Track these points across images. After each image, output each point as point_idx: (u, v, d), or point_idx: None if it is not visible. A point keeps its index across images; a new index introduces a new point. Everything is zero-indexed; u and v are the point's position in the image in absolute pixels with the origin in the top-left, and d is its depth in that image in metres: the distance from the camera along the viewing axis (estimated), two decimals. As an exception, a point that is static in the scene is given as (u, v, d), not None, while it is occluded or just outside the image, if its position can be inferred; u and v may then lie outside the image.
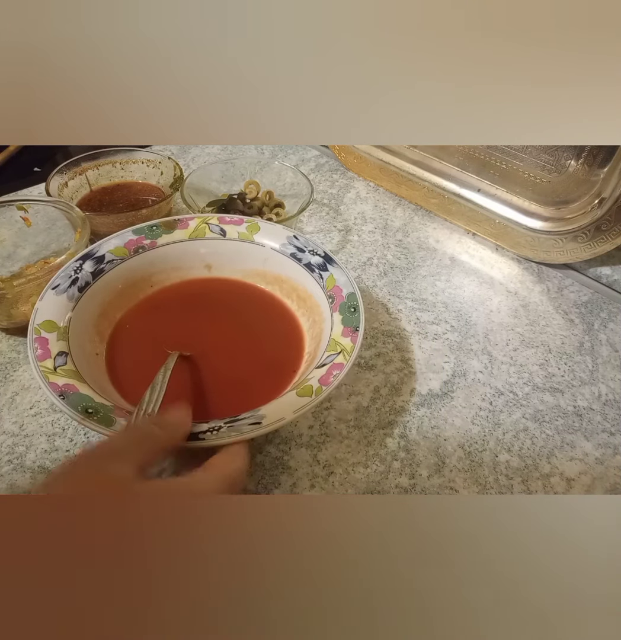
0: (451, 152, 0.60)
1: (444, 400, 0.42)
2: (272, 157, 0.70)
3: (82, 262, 0.40)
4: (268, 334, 0.43)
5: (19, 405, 0.39)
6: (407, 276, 0.54)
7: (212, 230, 0.45)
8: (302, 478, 0.36)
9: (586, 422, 0.42)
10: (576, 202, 0.52)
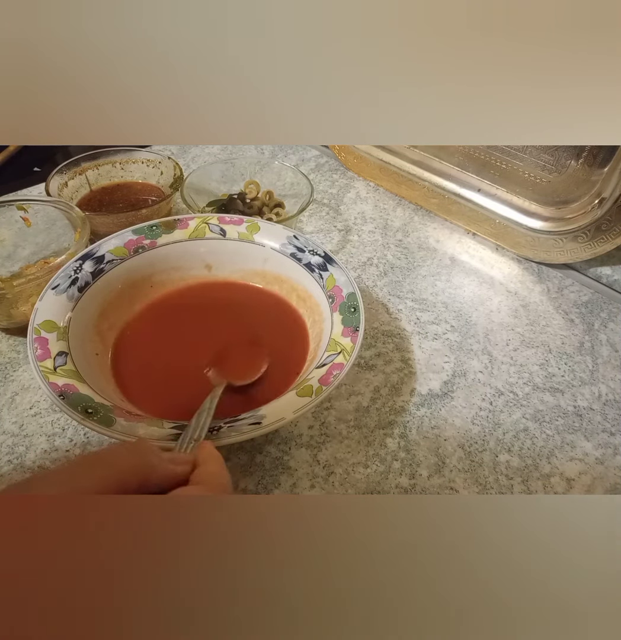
0: (451, 152, 0.60)
1: (444, 400, 0.42)
2: (272, 157, 0.70)
3: (82, 262, 0.40)
4: (270, 333, 0.43)
5: (19, 405, 0.39)
6: (407, 276, 0.54)
7: (212, 230, 0.45)
8: (302, 478, 0.36)
9: (586, 422, 0.42)
10: (576, 202, 0.52)
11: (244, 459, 0.37)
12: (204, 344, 0.41)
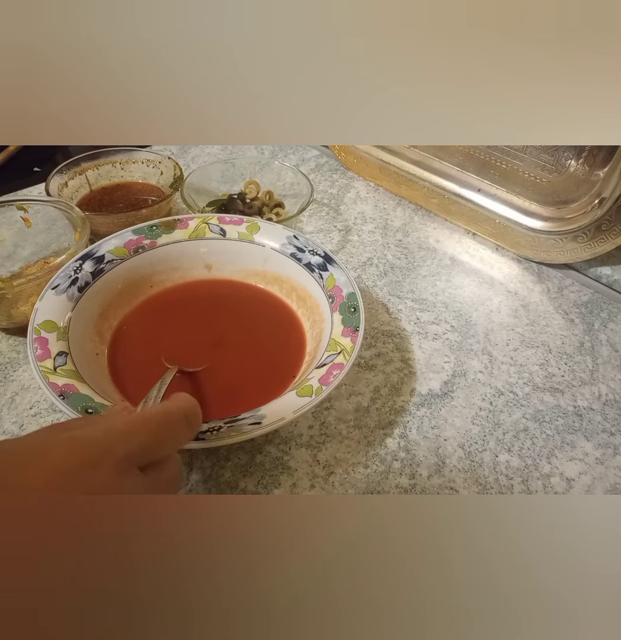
0: (451, 152, 0.60)
1: (444, 400, 0.42)
2: (272, 157, 0.70)
3: (82, 262, 0.40)
4: (269, 334, 0.43)
5: (19, 405, 0.39)
6: (407, 276, 0.54)
7: (212, 230, 0.45)
8: (302, 478, 0.36)
9: (586, 422, 0.42)
10: (576, 202, 0.52)
11: (244, 459, 0.37)
12: (204, 344, 0.41)
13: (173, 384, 0.34)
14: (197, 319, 0.43)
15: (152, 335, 0.41)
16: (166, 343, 0.40)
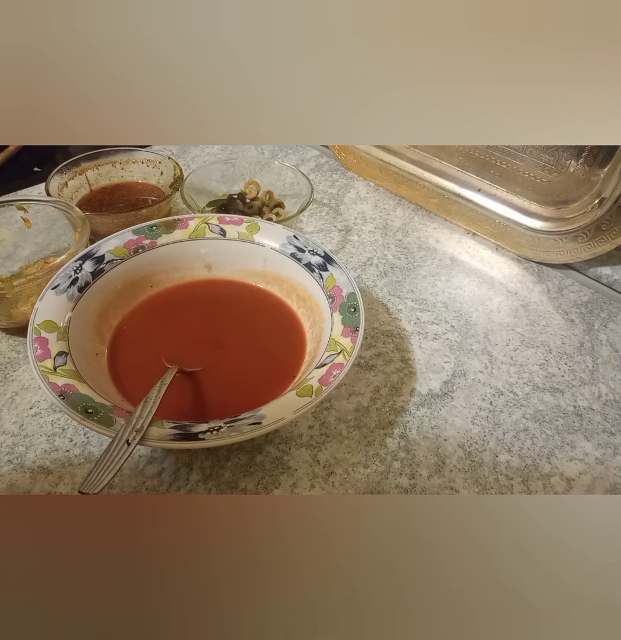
0: (451, 152, 0.60)
1: (444, 400, 0.42)
2: (272, 157, 0.70)
3: (82, 262, 0.40)
4: (269, 334, 0.43)
5: (19, 405, 0.39)
6: (407, 276, 0.54)
7: (212, 230, 0.45)
8: (302, 478, 0.36)
9: (586, 422, 0.42)
10: (576, 202, 0.52)
11: (244, 459, 0.37)
12: (204, 344, 0.41)
13: (173, 384, 0.34)
14: (197, 319, 0.43)
15: (152, 335, 0.41)
16: (166, 343, 0.40)
